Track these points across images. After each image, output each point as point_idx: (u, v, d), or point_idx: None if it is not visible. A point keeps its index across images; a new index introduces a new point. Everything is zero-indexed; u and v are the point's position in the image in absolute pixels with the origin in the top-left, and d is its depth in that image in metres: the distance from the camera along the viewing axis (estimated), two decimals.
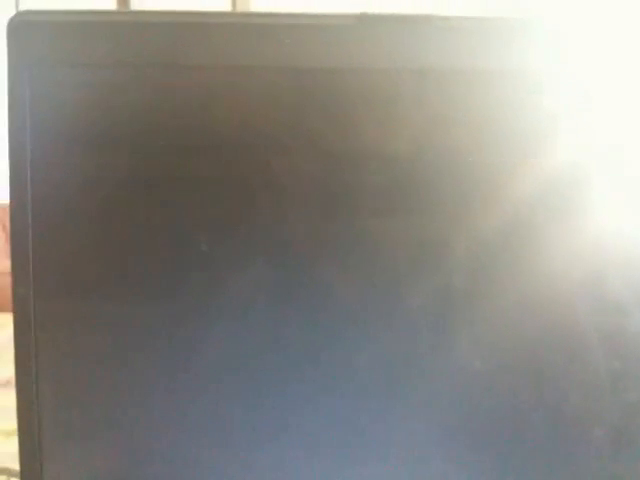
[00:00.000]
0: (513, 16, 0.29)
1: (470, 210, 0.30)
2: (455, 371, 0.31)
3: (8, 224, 0.31)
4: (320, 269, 0.30)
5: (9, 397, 0.32)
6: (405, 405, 0.31)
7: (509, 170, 0.29)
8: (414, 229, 0.30)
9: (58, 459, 0.32)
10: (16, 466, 0.32)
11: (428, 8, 0.30)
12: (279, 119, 0.29)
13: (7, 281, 0.31)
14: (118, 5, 1.26)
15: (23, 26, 0.29)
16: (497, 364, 0.31)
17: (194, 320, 0.31)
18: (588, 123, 0.29)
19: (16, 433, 0.32)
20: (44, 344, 0.31)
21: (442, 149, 0.29)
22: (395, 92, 0.29)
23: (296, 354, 0.31)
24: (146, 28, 0.29)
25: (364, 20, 0.28)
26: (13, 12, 0.30)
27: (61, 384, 0.32)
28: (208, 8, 0.30)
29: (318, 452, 0.31)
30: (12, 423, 0.32)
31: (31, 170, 0.30)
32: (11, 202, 0.30)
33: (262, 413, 0.31)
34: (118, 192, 0.30)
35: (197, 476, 0.32)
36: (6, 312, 0.33)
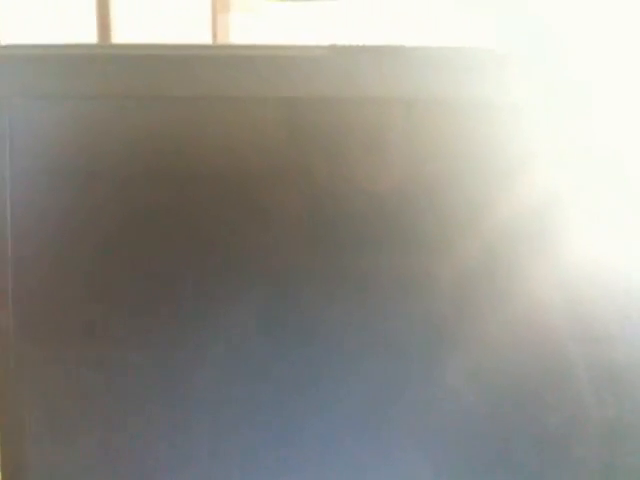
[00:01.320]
0: (484, 46, 0.29)
1: (454, 241, 0.30)
2: (441, 397, 0.31)
3: None
4: (307, 300, 0.31)
5: None
6: (393, 432, 0.31)
7: (488, 200, 0.30)
8: (399, 259, 0.30)
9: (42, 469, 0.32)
10: None
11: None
12: (261, 149, 0.30)
13: None
14: (99, 38, 1.27)
15: (3, 60, 0.29)
16: (483, 389, 0.31)
17: (183, 351, 0.31)
18: (567, 153, 0.30)
19: None
20: (25, 377, 0.31)
21: (420, 179, 0.30)
22: (369, 121, 0.30)
23: (285, 383, 0.31)
24: (126, 61, 0.29)
25: (334, 51, 0.29)
26: None
27: (46, 420, 0.31)
28: (188, 41, 0.30)
29: (304, 473, 0.32)
30: None
31: (10, 203, 0.30)
32: None
33: (253, 441, 0.31)
34: (100, 225, 0.31)
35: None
36: None
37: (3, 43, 0.31)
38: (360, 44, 0.29)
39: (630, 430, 0.31)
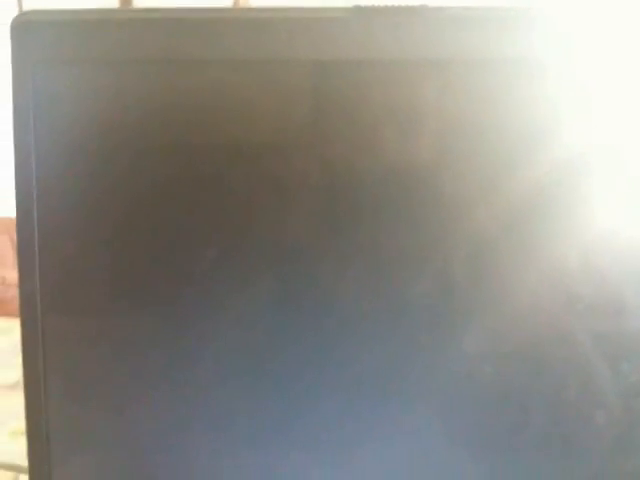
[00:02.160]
0: (509, 5, 0.29)
1: (470, 209, 0.30)
2: (458, 366, 0.31)
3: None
4: (322, 273, 0.30)
5: (19, 399, 0.32)
6: (407, 398, 0.31)
7: (510, 164, 0.30)
8: (415, 227, 0.30)
9: (67, 461, 0.33)
10: (25, 463, 0.33)
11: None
12: (282, 114, 0.30)
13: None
14: (121, 3, 1.26)
15: (26, 26, 0.29)
16: (499, 356, 0.31)
17: (199, 325, 0.31)
18: (590, 115, 0.29)
19: (24, 433, 0.32)
20: (51, 347, 0.31)
21: (444, 147, 0.30)
22: (393, 84, 0.29)
23: (299, 356, 0.31)
24: (148, 25, 0.29)
25: (357, 12, 0.28)
26: (16, 12, 0.30)
27: (69, 385, 0.32)
28: (209, 4, 0.30)
29: (320, 449, 0.32)
30: (21, 424, 0.32)
31: (36, 171, 0.30)
32: (17, 205, 0.31)
33: (268, 413, 0.32)
34: (123, 194, 0.31)
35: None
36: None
37: (25, 9, 0.31)
38: (384, 5, 0.28)
39: None
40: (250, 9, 0.44)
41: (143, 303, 0.31)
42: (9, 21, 0.30)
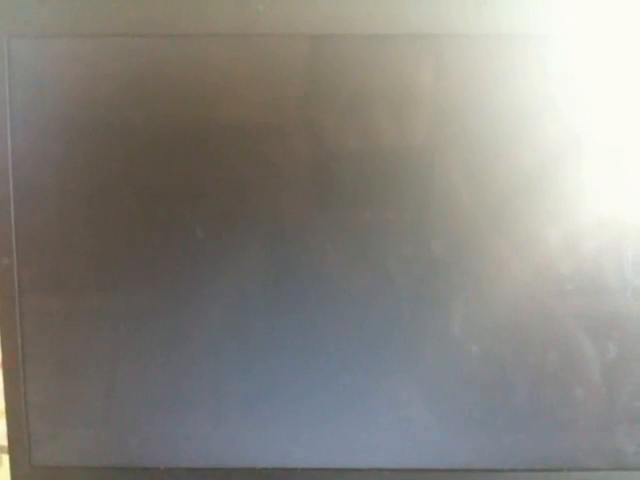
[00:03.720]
0: None
1: (458, 190, 0.30)
2: (440, 338, 0.31)
3: None
4: (312, 249, 0.30)
5: None
6: (393, 371, 0.32)
7: (499, 143, 0.30)
8: (403, 205, 0.30)
9: (46, 439, 0.33)
10: (6, 443, 0.33)
11: None
12: (262, 92, 0.29)
13: None
14: None
15: None
16: (480, 331, 0.31)
17: (183, 303, 0.31)
18: (582, 96, 0.29)
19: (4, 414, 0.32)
20: (29, 326, 0.31)
21: (434, 125, 0.29)
22: (375, 58, 0.29)
23: (286, 331, 0.31)
24: None
25: None
26: None
27: (48, 364, 0.32)
28: None
29: (306, 420, 0.32)
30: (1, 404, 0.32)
31: (12, 143, 0.30)
32: None
33: (259, 384, 0.32)
34: (100, 168, 0.30)
35: (188, 457, 0.33)
36: None
37: None
38: None
39: (629, 374, 0.31)
40: None
41: (124, 280, 0.31)
42: None
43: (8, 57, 0.29)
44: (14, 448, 0.33)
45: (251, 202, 0.30)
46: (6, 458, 0.33)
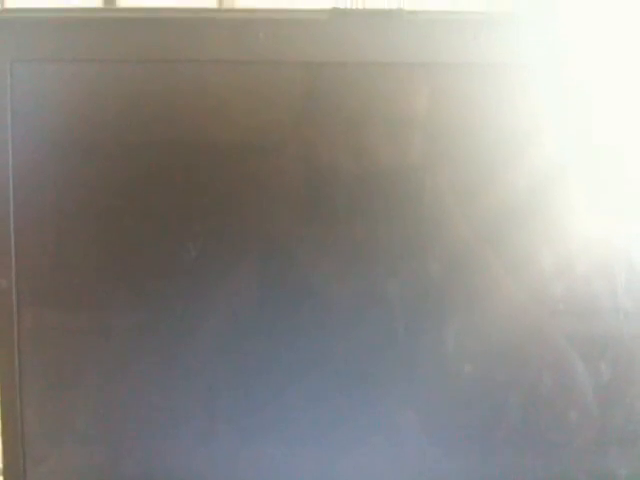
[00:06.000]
0: (481, 11, 0.29)
1: (450, 210, 0.30)
2: (432, 357, 0.31)
3: None
4: (305, 271, 0.31)
5: None
6: (385, 390, 0.32)
7: (490, 166, 0.30)
8: (394, 224, 0.30)
9: (41, 460, 0.32)
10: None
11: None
12: (262, 117, 0.30)
13: None
14: (104, 2, 1.25)
15: (4, 23, 0.29)
16: (472, 351, 0.31)
17: (178, 319, 0.31)
18: (570, 120, 0.30)
19: None
20: (27, 344, 0.31)
21: (423, 147, 0.30)
22: (372, 86, 0.29)
23: (282, 348, 0.31)
24: (129, 25, 0.29)
25: (335, 14, 0.28)
26: None
27: (44, 385, 0.32)
28: (194, 4, 0.30)
29: (296, 434, 0.32)
30: None
31: (12, 166, 0.30)
32: None
33: (251, 407, 0.32)
34: (101, 189, 0.30)
35: (183, 475, 0.32)
36: None
37: (5, 6, 0.31)
38: (362, 7, 0.28)
39: (621, 396, 0.31)
40: (233, 10, 0.44)
41: (120, 300, 0.31)
42: None
43: (10, 81, 0.30)
44: (9, 469, 0.32)
45: (246, 223, 0.31)
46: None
